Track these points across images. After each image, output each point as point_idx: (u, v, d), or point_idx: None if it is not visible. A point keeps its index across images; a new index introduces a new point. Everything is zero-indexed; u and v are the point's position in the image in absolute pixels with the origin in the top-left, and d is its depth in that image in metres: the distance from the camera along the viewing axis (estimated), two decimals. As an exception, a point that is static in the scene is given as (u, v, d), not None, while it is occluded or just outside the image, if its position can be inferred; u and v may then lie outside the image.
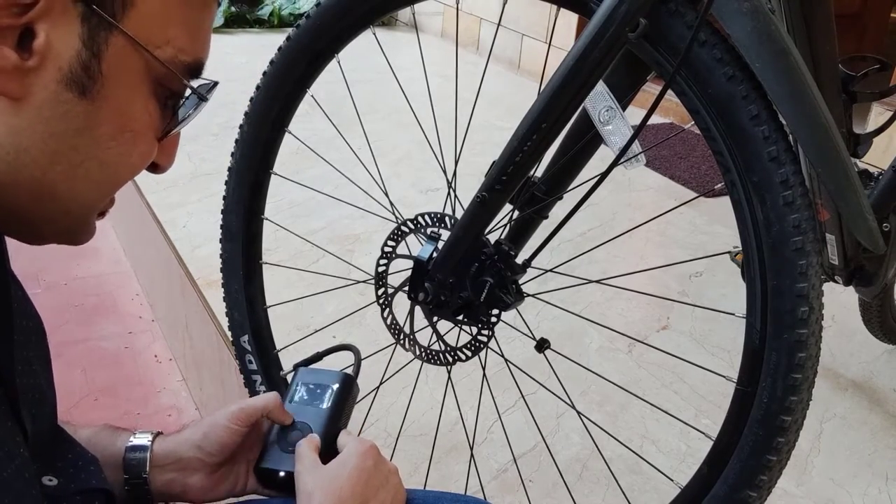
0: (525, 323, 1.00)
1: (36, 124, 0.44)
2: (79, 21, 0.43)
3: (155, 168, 0.54)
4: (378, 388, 1.08)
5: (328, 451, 0.71)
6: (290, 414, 0.73)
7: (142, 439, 0.70)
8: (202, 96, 0.52)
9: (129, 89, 0.47)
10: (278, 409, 0.73)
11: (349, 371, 0.81)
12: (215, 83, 0.53)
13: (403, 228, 0.91)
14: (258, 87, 1.01)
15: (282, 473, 0.71)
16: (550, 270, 0.94)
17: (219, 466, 0.71)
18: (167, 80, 0.49)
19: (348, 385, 0.78)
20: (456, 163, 0.96)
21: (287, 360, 1.08)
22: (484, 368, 0.96)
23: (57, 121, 0.45)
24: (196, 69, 0.51)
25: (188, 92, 0.51)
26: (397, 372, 1.03)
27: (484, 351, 0.88)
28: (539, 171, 0.87)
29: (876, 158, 1.92)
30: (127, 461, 0.68)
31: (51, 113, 0.45)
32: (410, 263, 0.88)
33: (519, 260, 0.85)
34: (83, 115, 0.46)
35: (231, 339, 1.12)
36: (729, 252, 1.40)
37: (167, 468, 0.69)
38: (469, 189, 0.83)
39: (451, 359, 0.90)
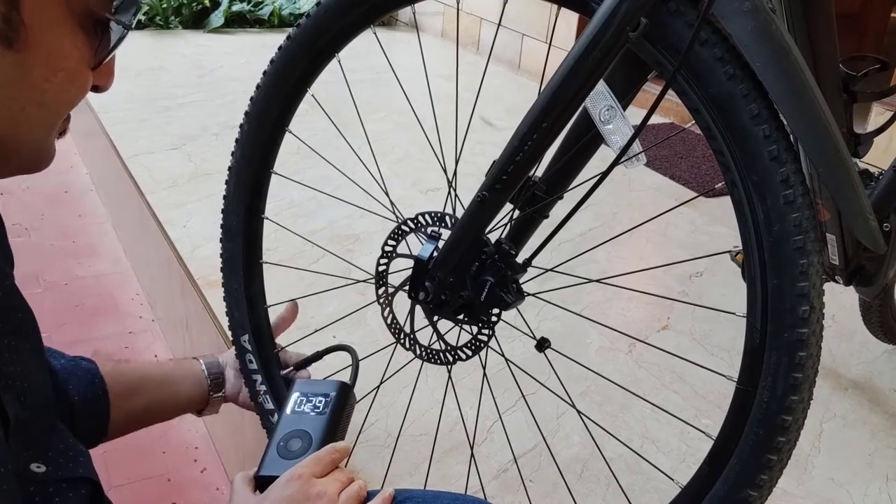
0: (525, 322, 1.00)
1: None
2: None
3: (96, 89, 0.55)
4: (378, 387, 1.08)
5: None
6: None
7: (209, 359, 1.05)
8: (122, 23, 0.51)
9: (54, 31, 0.47)
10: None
11: (347, 375, 0.82)
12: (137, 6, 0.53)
13: (404, 228, 0.90)
14: (258, 87, 1.01)
15: None
16: (551, 270, 0.94)
17: None
18: (90, 9, 0.49)
19: (345, 394, 0.80)
20: (456, 162, 0.96)
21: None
22: (484, 368, 0.96)
23: None
24: None
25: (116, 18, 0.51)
26: (397, 372, 1.03)
27: (484, 350, 0.88)
28: (539, 170, 0.87)
29: (876, 158, 1.92)
30: (209, 371, 1.02)
31: None
32: (411, 263, 0.88)
33: (519, 259, 0.85)
34: (14, 65, 0.46)
35: (231, 338, 1.12)
36: (729, 252, 1.40)
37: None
38: (469, 189, 0.83)
39: (451, 358, 0.90)
